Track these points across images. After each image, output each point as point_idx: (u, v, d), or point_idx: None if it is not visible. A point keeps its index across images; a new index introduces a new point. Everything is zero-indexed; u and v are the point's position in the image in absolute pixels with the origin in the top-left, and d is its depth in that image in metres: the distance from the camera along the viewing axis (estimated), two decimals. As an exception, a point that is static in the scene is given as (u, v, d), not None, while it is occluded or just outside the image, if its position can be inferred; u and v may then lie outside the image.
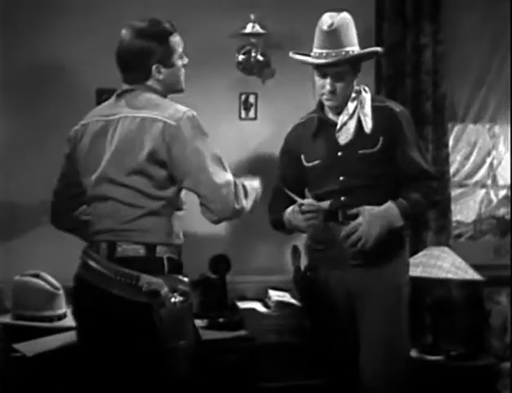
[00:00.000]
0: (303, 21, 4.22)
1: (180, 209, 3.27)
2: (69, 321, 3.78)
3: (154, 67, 3.25)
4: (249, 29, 4.50)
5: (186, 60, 3.36)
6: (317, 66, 3.69)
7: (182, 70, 3.35)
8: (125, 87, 3.31)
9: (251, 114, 4.72)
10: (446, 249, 4.65)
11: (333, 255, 3.73)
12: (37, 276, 4.05)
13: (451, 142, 5.10)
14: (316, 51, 3.69)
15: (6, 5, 4.39)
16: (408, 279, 3.81)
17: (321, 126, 3.81)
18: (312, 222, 3.64)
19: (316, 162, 3.79)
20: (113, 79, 3.37)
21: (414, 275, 4.10)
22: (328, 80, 3.69)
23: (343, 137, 3.74)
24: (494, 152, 5.29)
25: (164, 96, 3.31)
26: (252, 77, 4.57)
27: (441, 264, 4.50)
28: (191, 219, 3.31)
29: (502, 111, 5.17)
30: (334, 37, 3.66)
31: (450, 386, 4.25)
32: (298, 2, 4.66)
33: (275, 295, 4.44)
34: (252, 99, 4.71)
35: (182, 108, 3.19)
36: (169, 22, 3.30)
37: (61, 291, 4.05)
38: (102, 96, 4.28)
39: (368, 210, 3.59)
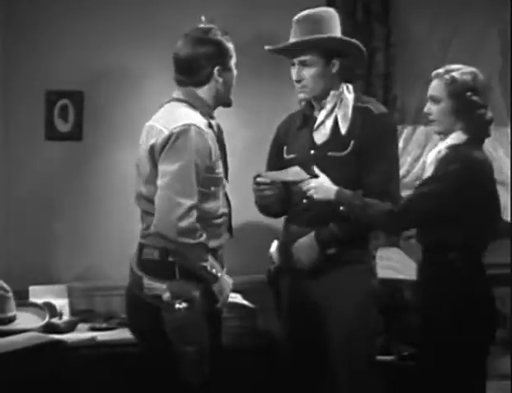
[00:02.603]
0: (257, 22, 4.23)
1: None
2: (20, 324, 3.76)
3: (216, 70, 3.36)
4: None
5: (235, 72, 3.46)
6: (286, 56, 3.70)
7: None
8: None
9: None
10: (396, 250, 4.68)
11: (293, 259, 3.74)
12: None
13: (401, 144, 5.14)
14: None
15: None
16: (373, 282, 3.80)
17: (304, 121, 3.81)
18: (264, 193, 3.65)
19: (292, 156, 3.79)
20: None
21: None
22: (294, 69, 3.69)
23: (319, 136, 3.73)
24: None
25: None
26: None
27: (392, 264, 4.53)
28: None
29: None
30: (302, 25, 3.66)
31: (402, 387, 4.27)
32: (249, 3, 4.67)
33: (227, 296, 4.42)
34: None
35: (183, 119, 3.25)
36: (223, 28, 3.40)
37: (11, 294, 4.03)
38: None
39: (301, 239, 3.68)
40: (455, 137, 3.54)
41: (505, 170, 5.47)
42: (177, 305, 3.20)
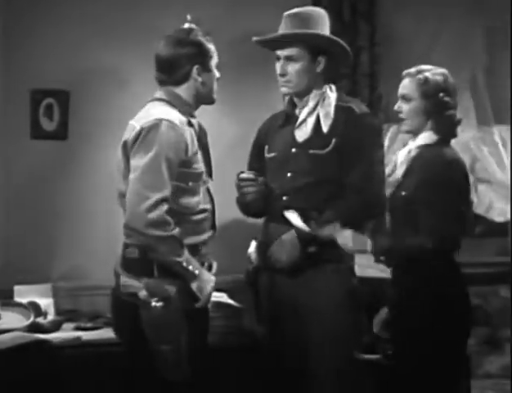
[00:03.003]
0: (242, 22, 4.24)
1: None
2: (4, 324, 3.76)
3: (195, 70, 3.37)
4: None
5: (218, 74, 3.48)
6: (270, 48, 3.72)
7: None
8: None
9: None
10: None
11: (272, 259, 3.75)
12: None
13: (386, 143, 5.15)
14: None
15: None
16: (353, 281, 3.82)
17: (286, 120, 3.83)
18: (247, 190, 3.66)
19: (273, 155, 3.81)
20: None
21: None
22: (279, 63, 3.71)
23: (301, 134, 3.75)
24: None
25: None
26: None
27: (374, 263, 4.53)
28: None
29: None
30: (292, 20, 3.70)
31: (387, 385, 4.28)
32: (234, 2, 4.67)
33: (212, 295, 4.41)
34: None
35: (155, 115, 3.27)
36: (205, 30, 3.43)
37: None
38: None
39: (280, 238, 3.69)
40: (427, 137, 3.57)
41: (489, 169, 5.49)
42: (154, 303, 3.20)
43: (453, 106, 3.58)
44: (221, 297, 4.40)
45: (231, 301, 4.37)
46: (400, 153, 3.70)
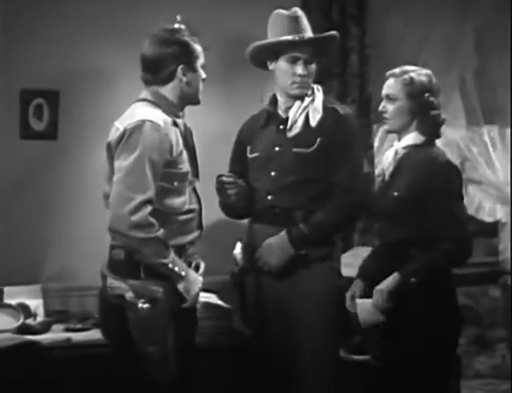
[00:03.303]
0: (231, 22, 4.23)
1: None
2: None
3: (179, 69, 3.34)
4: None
5: (204, 75, 3.44)
6: (292, 50, 3.69)
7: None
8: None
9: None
10: (369, 249, 4.69)
11: (260, 261, 3.76)
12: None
13: (376, 144, 5.16)
14: (285, 37, 3.69)
15: None
16: (339, 281, 3.84)
17: (268, 120, 3.83)
18: (227, 192, 3.66)
19: (256, 154, 3.82)
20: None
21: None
22: (300, 65, 3.70)
23: (288, 132, 3.76)
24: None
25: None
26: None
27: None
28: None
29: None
30: (298, 21, 3.72)
31: (376, 386, 4.29)
32: (220, 3, 4.67)
33: (201, 296, 4.40)
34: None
35: (138, 116, 3.25)
36: (193, 30, 3.40)
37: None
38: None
39: (268, 240, 3.69)
40: (413, 138, 3.58)
41: (479, 169, 5.51)
42: (140, 305, 3.19)
43: (438, 106, 3.60)
44: (210, 298, 4.40)
45: (220, 302, 4.37)
46: (386, 154, 3.71)
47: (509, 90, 5.30)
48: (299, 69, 3.71)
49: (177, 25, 3.41)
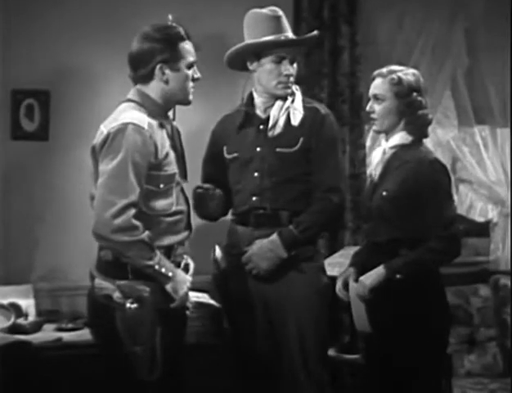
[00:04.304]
0: (222, 22, 4.23)
1: None
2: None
3: (158, 67, 3.28)
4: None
5: (197, 75, 3.38)
6: (277, 50, 3.69)
7: (190, 83, 3.37)
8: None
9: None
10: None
11: (248, 265, 3.76)
12: None
13: (368, 143, 5.16)
14: (268, 37, 3.69)
15: None
16: (324, 280, 3.84)
17: (246, 120, 3.82)
18: (205, 204, 3.67)
19: (236, 155, 3.81)
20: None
21: (331, 275, 4.13)
22: (286, 64, 3.70)
23: (269, 133, 3.75)
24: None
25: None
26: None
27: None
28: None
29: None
30: (281, 20, 3.72)
31: (367, 385, 4.29)
32: (216, 2, 4.67)
33: (193, 295, 4.40)
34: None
35: (122, 119, 3.23)
36: (184, 29, 3.33)
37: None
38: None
39: (257, 243, 3.68)
40: (401, 137, 3.58)
41: (470, 169, 5.51)
42: (128, 305, 3.19)
43: (425, 105, 3.60)
44: (202, 297, 4.41)
45: (211, 301, 4.38)
46: (374, 154, 3.72)
47: (502, 90, 5.31)
48: (285, 68, 3.70)
49: (167, 23, 3.39)
